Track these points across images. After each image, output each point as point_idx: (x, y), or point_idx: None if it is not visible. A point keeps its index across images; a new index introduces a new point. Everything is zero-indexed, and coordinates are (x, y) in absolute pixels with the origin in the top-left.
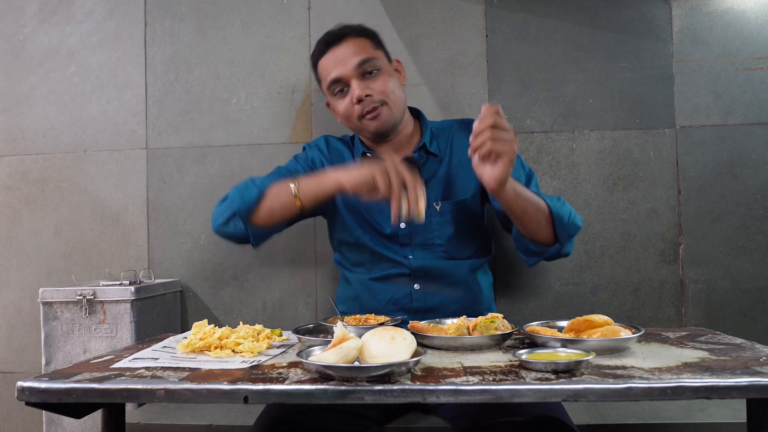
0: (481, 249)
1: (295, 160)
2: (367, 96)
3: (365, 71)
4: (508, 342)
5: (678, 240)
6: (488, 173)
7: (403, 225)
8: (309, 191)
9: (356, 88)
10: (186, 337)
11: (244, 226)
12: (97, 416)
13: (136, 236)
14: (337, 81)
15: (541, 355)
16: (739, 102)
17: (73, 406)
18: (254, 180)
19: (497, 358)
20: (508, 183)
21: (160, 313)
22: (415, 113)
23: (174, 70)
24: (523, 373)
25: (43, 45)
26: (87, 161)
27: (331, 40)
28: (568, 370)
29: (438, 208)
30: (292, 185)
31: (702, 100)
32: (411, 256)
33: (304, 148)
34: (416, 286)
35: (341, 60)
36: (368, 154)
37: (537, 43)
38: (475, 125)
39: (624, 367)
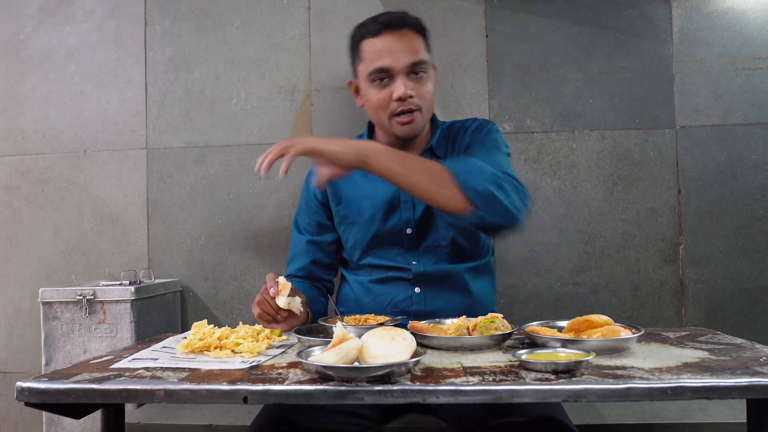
0: (483, 248)
1: (299, 211)
2: (410, 97)
3: (414, 71)
4: (508, 342)
5: (678, 240)
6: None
7: (409, 231)
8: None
9: (402, 86)
10: (186, 337)
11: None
12: (97, 416)
13: (136, 236)
14: (383, 70)
15: (541, 355)
16: (739, 102)
17: (72, 406)
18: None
19: (497, 359)
20: (358, 158)
21: (160, 313)
22: None
23: (174, 70)
24: (523, 373)
25: (43, 45)
26: (87, 161)
27: (391, 23)
28: (568, 371)
29: None
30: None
31: (702, 100)
32: (415, 262)
33: (305, 184)
34: (417, 290)
35: (396, 51)
36: None
37: (537, 43)
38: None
39: (624, 368)
